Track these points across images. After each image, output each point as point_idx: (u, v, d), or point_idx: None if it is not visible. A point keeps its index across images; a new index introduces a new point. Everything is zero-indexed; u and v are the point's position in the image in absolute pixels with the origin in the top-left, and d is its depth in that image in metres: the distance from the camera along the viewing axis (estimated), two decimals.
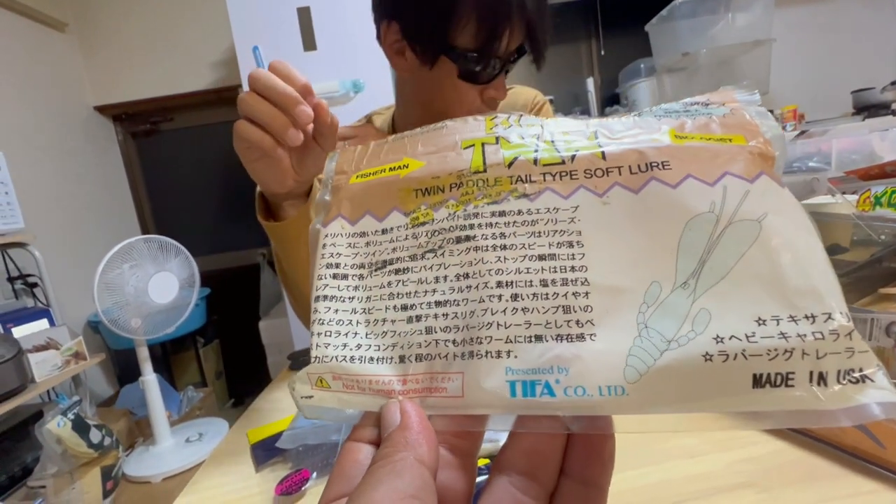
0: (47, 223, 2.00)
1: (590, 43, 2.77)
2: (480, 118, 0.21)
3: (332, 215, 0.20)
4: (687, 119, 0.18)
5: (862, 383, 0.13)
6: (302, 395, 0.18)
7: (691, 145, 0.17)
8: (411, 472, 0.14)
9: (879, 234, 0.66)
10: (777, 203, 0.16)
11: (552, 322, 0.16)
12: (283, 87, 0.39)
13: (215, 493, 0.46)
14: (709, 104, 0.19)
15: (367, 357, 0.17)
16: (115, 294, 1.37)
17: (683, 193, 0.16)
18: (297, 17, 1.69)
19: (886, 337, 0.45)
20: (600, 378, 0.14)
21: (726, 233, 0.15)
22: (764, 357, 0.14)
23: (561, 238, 0.17)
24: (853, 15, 2.50)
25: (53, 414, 1.28)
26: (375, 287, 0.18)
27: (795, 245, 0.15)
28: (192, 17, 2.41)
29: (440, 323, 0.17)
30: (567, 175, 0.18)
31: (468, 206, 0.18)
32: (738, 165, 0.16)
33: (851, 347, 0.13)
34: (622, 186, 0.17)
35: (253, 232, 2.68)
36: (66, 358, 1.55)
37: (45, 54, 2.20)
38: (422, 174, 0.19)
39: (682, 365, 0.14)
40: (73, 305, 2.04)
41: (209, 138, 2.66)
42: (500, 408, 0.15)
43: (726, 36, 2.10)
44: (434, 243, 0.18)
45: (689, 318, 0.15)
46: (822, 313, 0.14)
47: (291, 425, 0.50)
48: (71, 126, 2.30)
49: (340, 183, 0.21)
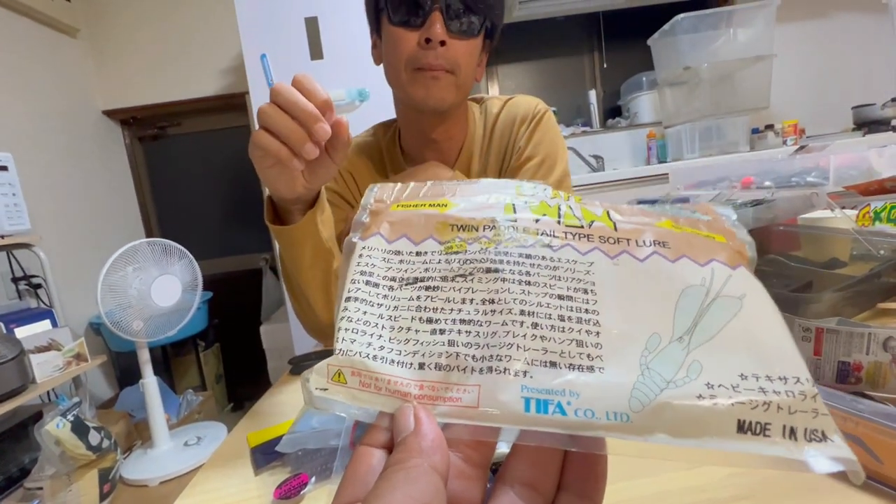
0: (53, 225, 2.02)
1: (592, 56, 2.80)
2: (510, 183, 0.24)
3: (370, 232, 0.22)
4: (680, 217, 0.22)
5: (824, 442, 0.16)
6: (316, 387, 0.18)
7: (686, 234, 0.21)
8: (425, 478, 0.14)
9: (879, 248, 0.67)
10: (753, 288, 0.19)
11: (566, 352, 0.17)
12: (304, 103, 0.40)
13: (214, 496, 0.46)
14: (695, 211, 0.23)
15: (388, 359, 0.18)
16: (118, 296, 1.38)
17: (680, 267, 0.20)
18: (305, 27, 1.72)
19: (884, 351, 0.45)
20: (608, 405, 0.16)
21: (714, 303, 0.18)
22: (747, 406, 0.16)
23: (578, 284, 0.19)
24: (854, 31, 2.53)
25: (53, 415, 1.28)
26: (404, 299, 0.20)
27: (767, 322, 0.18)
28: (202, 25, 2.45)
29: (462, 339, 0.18)
30: (585, 237, 0.21)
31: (499, 246, 0.21)
32: (722, 255, 0.20)
33: (816, 409, 0.16)
34: (630, 255, 0.20)
35: (256, 237, 2.70)
36: (67, 359, 1.56)
37: (57, 59, 2.23)
38: (459, 214, 0.22)
39: (679, 403, 0.16)
40: (75, 307, 2.05)
41: (216, 144, 2.69)
42: (513, 421, 0.16)
43: (727, 51, 2.13)
44: (465, 269, 0.20)
45: (685, 366, 0.17)
46: (792, 377, 0.16)
47: (291, 429, 0.50)
48: (79, 130, 2.33)
49: (380, 209, 0.23)
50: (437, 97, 0.63)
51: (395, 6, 0.60)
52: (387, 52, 0.65)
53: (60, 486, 1.26)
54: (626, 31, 2.68)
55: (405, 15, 0.60)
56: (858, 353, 0.46)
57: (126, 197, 2.62)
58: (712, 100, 2.16)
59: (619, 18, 2.68)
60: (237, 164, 2.67)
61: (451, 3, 0.59)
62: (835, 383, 0.48)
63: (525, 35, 2.68)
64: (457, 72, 0.63)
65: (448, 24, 0.59)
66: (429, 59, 0.61)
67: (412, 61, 0.62)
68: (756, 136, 2.33)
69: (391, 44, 0.63)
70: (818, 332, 0.48)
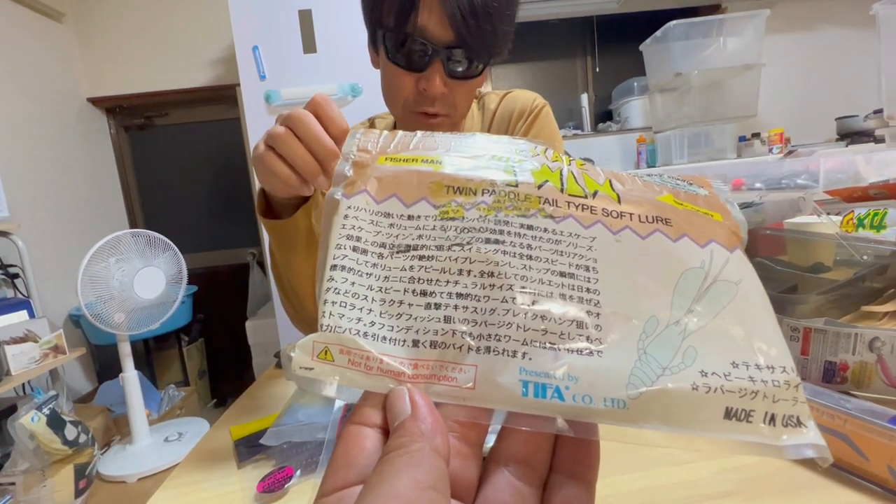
0: (33, 213, 1.96)
1: (585, 60, 2.82)
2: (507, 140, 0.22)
3: (356, 189, 0.20)
4: (680, 191, 0.22)
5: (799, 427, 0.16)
6: (300, 366, 0.16)
7: (686, 211, 0.21)
8: (429, 462, 0.14)
9: (862, 254, 0.68)
10: (748, 273, 0.19)
11: (566, 334, 0.17)
12: (324, 140, 0.38)
13: (194, 489, 0.45)
14: (692, 184, 0.23)
15: (380, 335, 0.17)
16: (100, 288, 1.34)
17: (680, 248, 0.19)
18: (298, 20, 1.70)
19: (869, 352, 0.46)
20: (606, 391, 0.16)
21: (712, 287, 0.18)
22: (736, 394, 0.16)
23: (580, 261, 0.19)
24: (840, 45, 2.59)
25: (28, 408, 1.24)
26: (396, 269, 0.18)
27: (759, 309, 0.18)
28: (193, 14, 2.40)
29: (459, 314, 0.17)
30: (588, 209, 0.20)
31: (499, 213, 0.19)
32: (721, 236, 0.20)
33: (796, 398, 0.16)
34: (632, 231, 0.20)
35: (243, 231, 2.66)
36: (44, 351, 1.51)
37: (41, 43, 2.17)
38: (456, 173, 0.20)
39: (674, 390, 0.16)
40: (54, 298, 1.99)
41: (203, 135, 2.65)
42: (510, 404, 0.16)
43: (718, 59, 2.16)
44: (463, 239, 0.19)
45: (681, 352, 0.17)
46: (779, 366, 0.17)
47: (276, 422, 0.49)
48: (63, 116, 2.27)
49: (365, 160, 0.21)
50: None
51: (395, 47, 0.56)
52: (384, 80, 0.62)
53: (34, 481, 1.23)
54: (618, 37, 2.70)
55: (404, 58, 0.57)
56: (845, 352, 0.47)
57: (110, 187, 2.56)
58: (701, 106, 2.19)
59: (613, 24, 2.70)
60: (226, 157, 2.63)
61: (454, 53, 0.56)
62: (821, 382, 0.48)
63: (519, 37, 2.66)
64: (454, 114, 0.61)
65: (448, 70, 0.57)
66: (425, 107, 0.59)
67: (409, 104, 0.60)
68: (743, 144, 2.37)
69: (388, 77, 0.60)
70: (806, 331, 0.49)
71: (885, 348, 0.44)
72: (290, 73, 1.71)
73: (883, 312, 0.58)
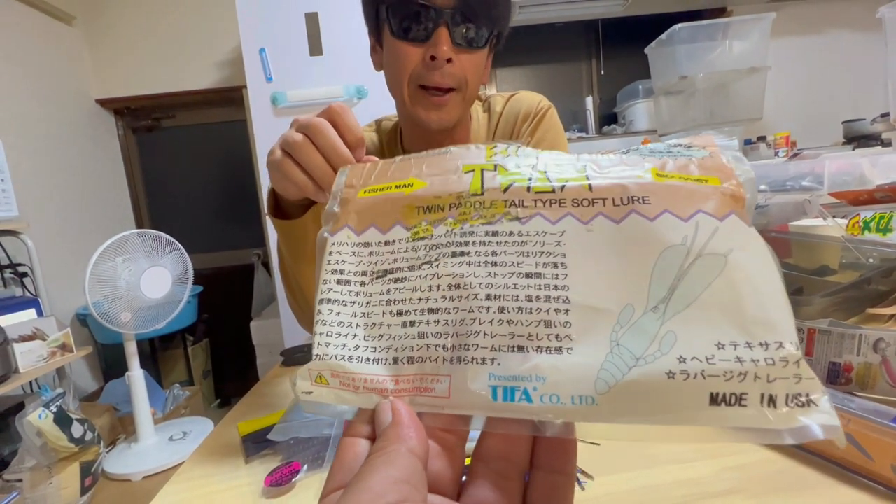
0: (42, 213, 1.98)
1: (590, 62, 2.82)
2: (482, 147, 0.22)
3: (339, 225, 0.22)
4: (669, 159, 0.20)
5: (807, 407, 0.15)
6: (302, 391, 0.19)
7: (670, 184, 0.19)
8: (403, 460, 0.15)
9: (868, 257, 0.68)
10: (743, 240, 0.17)
11: (534, 335, 0.17)
12: (342, 150, 0.38)
13: (202, 483, 0.45)
14: (691, 147, 0.21)
15: (363, 357, 0.19)
16: (107, 287, 1.36)
17: (659, 226, 0.18)
18: (305, 22, 1.72)
19: (874, 353, 0.46)
20: (573, 388, 0.16)
21: (695, 264, 0.17)
22: (721, 378, 0.15)
23: (547, 259, 0.18)
24: (846, 48, 2.58)
25: (35, 406, 1.25)
26: (375, 294, 0.20)
27: (756, 279, 0.17)
28: (200, 16, 2.43)
29: (432, 329, 0.18)
30: (556, 203, 0.19)
31: (465, 225, 0.20)
32: (710, 204, 0.18)
33: (799, 374, 0.15)
34: (605, 216, 0.19)
35: (248, 232, 2.67)
36: (52, 349, 1.53)
37: (51, 46, 2.20)
38: (425, 193, 0.21)
39: (647, 380, 0.16)
40: (62, 297, 2.01)
41: (210, 137, 2.67)
42: (482, 409, 0.17)
43: (723, 62, 2.16)
44: (431, 256, 0.19)
45: (657, 339, 0.16)
46: (774, 342, 0.15)
47: (283, 418, 0.50)
48: (72, 118, 2.30)
49: (349, 196, 0.22)
50: (441, 119, 0.61)
51: (399, 19, 0.57)
52: (388, 64, 0.62)
53: (41, 478, 1.24)
54: (624, 40, 2.70)
55: (409, 29, 0.57)
56: (849, 354, 0.47)
57: (117, 187, 2.58)
58: (707, 109, 2.19)
59: (618, 27, 2.70)
60: (232, 159, 2.65)
61: (458, 17, 0.56)
62: (825, 384, 0.48)
63: (524, 40, 2.69)
64: (463, 88, 0.60)
65: (454, 38, 0.56)
66: (434, 77, 0.58)
67: (416, 78, 0.59)
68: (749, 147, 2.36)
69: (393, 57, 0.60)
70: (810, 332, 0.49)
71: (890, 349, 0.44)
72: (297, 75, 1.73)
73: (888, 315, 0.58)
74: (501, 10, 0.59)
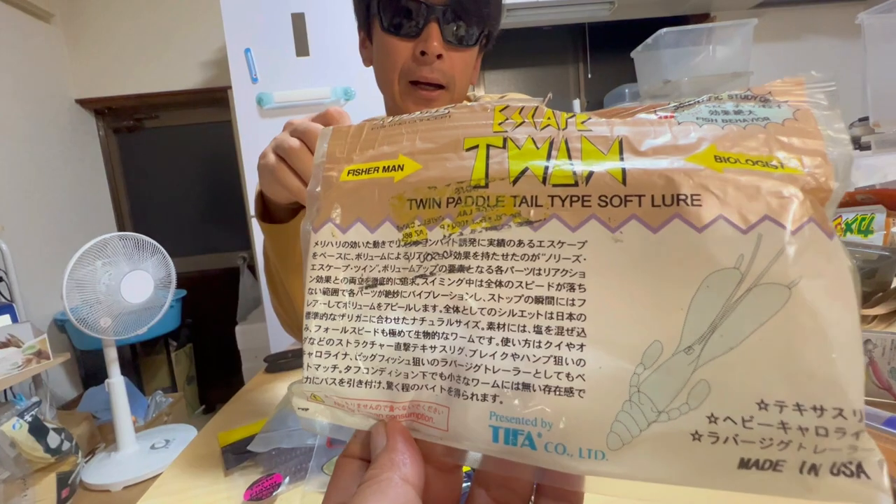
0: (18, 215, 1.93)
1: (577, 66, 2.85)
2: (489, 108, 0.18)
3: (322, 218, 0.19)
4: (734, 127, 0.15)
5: (857, 478, 0.12)
6: (299, 407, 0.18)
7: (732, 173, 0.14)
8: (396, 490, 0.15)
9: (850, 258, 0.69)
10: (818, 263, 0.13)
11: (542, 372, 0.15)
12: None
13: (180, 497, 0.44)
14: (768, 101, 0.16)
15: (355, 381, 0.17)
16: (86, 291, 1.32)
17: (708, 240, 0.14)
18: (291, 23, 1.70)
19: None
20: (582, 440, 0.14)
21: (749, 296, 0.13)
22: (756, 444, 0.13)
23: (562, 279, 0.15)
24: (825, 53, 2.65)
25: (9, 415, 1.21)
26: (365, 307, 0.18)
27: (826, 320, 0.13)
28: (184, 15, 2.39)
29: (427, 355, 0.16)
30: (578, 200, 0.15)
31: (465, 230, 0.17)
32: (782, 207, 0.14)
33: (855, 446, 0.12)
34: (640, 221, 0.15)
35: (233, 235, 2.63)
36: (27, 356, 1.48)
37: (28, 44, 2.14)
38: (417, 180, 0.18)
39: (668, 440, 0.13)
40: (39, 302, 1.95)
41: (194, 138, 2.62)
42: (481, 448, 0.16)
43: (707, 67, 2.19)
44: (426, 268, 0.17)
45: (686, 389, 0.13)
46: (832, 408, 0.12)
47: (265, 428, 0.48)
48: (50, 118, 2.24)
49: (332, 178, 0.19)
50: None
51: (390, 14, 0.57)
52: (378, 59, 0.62)
53: (15, 490, 1.19)
54: (610, 43, 2.73)
55: (400, 24, 0.57)
56: None
57: (98, 190, 2.52)
58: None
59: (605, 30, 2.73)
60: (217, 161, 2.60)
61: (449, 14, 0.56)
62: None
63: (512, 43, 2.71)
64: (452, 86, 0.60)
65: (445, 34, 0.56)
66: (423, 72, 0.58)
67: (406, 74, 0.59)
68: None
69: (383, 52, 0.60)
70: None
71: (876, 351, 0.44)
72: (283, 75, 1.70)
73: (872, 315, 0.59)
74: (492, 10, 0.60)
